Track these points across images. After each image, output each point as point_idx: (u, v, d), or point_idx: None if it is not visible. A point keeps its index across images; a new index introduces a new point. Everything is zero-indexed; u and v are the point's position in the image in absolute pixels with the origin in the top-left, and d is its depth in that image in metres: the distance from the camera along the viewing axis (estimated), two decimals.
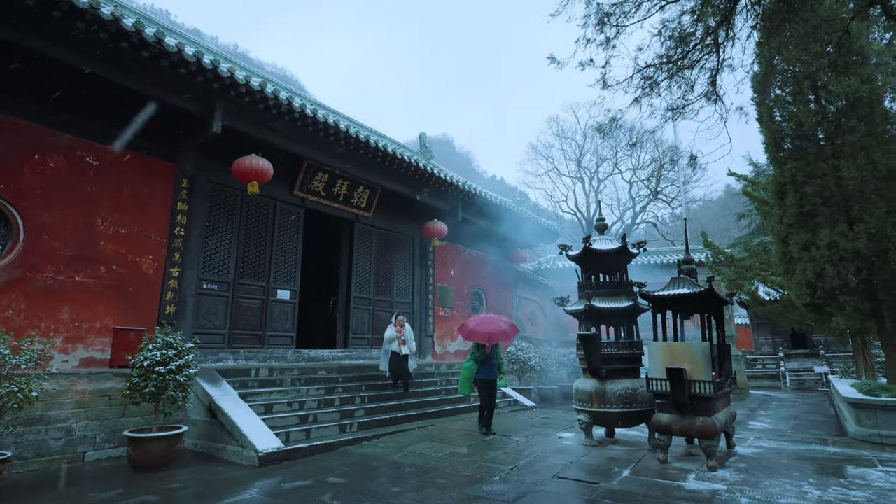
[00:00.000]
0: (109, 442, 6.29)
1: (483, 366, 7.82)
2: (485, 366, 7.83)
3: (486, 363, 7.83)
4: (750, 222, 24.98)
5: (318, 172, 9.96)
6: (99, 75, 6.44)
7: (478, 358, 7.83)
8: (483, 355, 7.83)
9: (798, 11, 5.19)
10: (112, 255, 7.29)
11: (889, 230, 7.39)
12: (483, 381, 7.84)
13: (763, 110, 8.77)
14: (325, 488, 4.95)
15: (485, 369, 7.84)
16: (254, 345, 8.97)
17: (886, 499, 4.50)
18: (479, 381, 7.85)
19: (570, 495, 4.71)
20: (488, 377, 7.84)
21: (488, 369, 7.86)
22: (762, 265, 13.49)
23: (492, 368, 7.88)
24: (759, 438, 7.67)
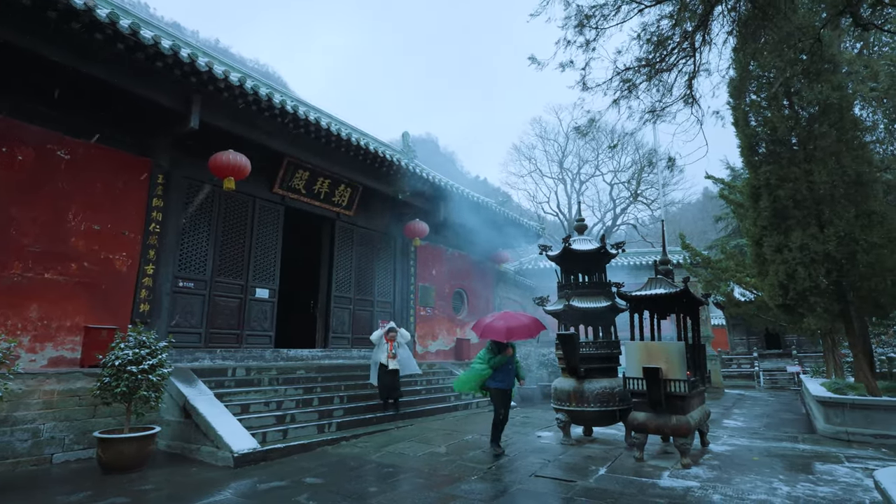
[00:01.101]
0: (79, 443, 6.12)
1: (500, 372, 6.44)
2: (502, 372, 6.45)
3: (504, 369, 6.47)
4: (727, 225, 25.53)
5: (298, 170, 9.86)
6: (71, 67, 6.26)
7: (496, 363, 6.40)
8: (503, 359, 6.43)
9: (772, 18, 5.31)
10: (84, 251, 7.10)
11: (857, 233, 7.61)
12: (499, 392, 6.42)
13: (739, 115, 8.95)
14: (301, 489, 4.89)
15: (502, 376, 6.44)
16: (231, 344, 8.83)
17: (852, 494, 4.63)
18: (494, 390, 6.44)
19: (547, 494, 4.74)
20: (505, 386, 6.47)
21: (506, 376, 6.48)
22: (738, 267, 13.78)
23: (510, 375, 6.54)
24: (732, 436, 7.83)
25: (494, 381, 6.42)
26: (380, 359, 8.55)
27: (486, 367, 6.42)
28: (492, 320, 6.56)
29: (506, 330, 6.25)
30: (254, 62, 63.10)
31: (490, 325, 6.44)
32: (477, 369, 6.52)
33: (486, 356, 6.49)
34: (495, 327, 6.34)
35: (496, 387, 6.44)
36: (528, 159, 38.88)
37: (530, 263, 20.58)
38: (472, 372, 6.60)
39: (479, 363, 6.57)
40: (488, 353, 6.51)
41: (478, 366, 6.54)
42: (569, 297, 7.19)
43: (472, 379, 6.54)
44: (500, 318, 6.51)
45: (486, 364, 6.42)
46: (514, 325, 6.32)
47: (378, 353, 8.60)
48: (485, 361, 6.48)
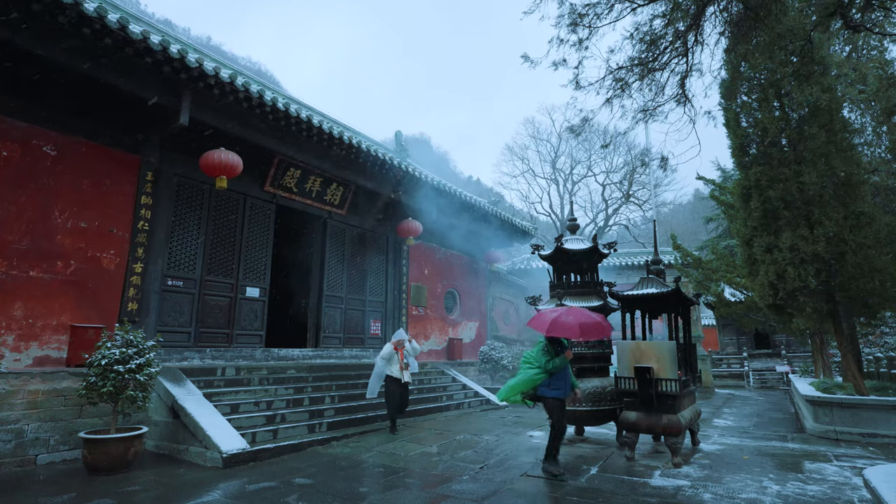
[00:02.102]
0: (64, 444, 6.03)
1: (557, 378, 5.44)
2: (559, 378, 5.46)
3: (561, 374, 5.49)
4: (717, 226, 25.74)
5: (290, 168, 9.78)
6: (58, 62, 6.16)
7: (555, 367, 5.37)
8: (564, 362, 5.45)
9: (763, 20, 5.33)
10: (70, 249, 6.99)
11: (846, 234, 7.68)
12: (556, 402, 5.43)
13: (730, 116, 9.01)
14: (291, 489, 4.84)
15: (559, 383, 5.44)
16: (221, 343, 8.74)
17: (841, 492, 4.66)
18: (552, 399, 5.41)
19: (538, 493, 4.73)
20: (563, 395, 5.48)
21: (563, 383, 5.49)
22: (728, 267, 13.88)
23: (567, 382, 5.56)
24: (722, 435, 7.87)
25: (551, 389, 5.40)
26: (391, 371, 7.81)
27: (540, 371, 5.38)
28: (558, 315, 5.47)
29: (579, 327, 5.27)
30: (246, 60, 62.71)
31: (558, 320, 5.35)
32: (529, 374, 5.43)
33: (541, 358, 5.44)
34: (566, 324, 5.30)
35: (553, 396, 5.40)
36: (520, 159, 38.94)
37: (523, 263, 20.60)
38: (523, 377, 5.47)
39: (529, 367, 5.51)
40: (543, 354, 5.45)
41: (530, 370, 5.46)
42: (561, 296, 7.19)
43: (522, 385, 5.44)
44: (569, 314, 5.49)
45: (542, 368, 5.38)
46: (588, 323, 5.37)
47: (388, 365, 7.87)
48: (537, 364, 5.44)
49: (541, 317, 5.58)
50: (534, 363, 5.49)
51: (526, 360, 5.62)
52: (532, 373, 5.45)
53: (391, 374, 7.79)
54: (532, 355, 5.58)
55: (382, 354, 7.90)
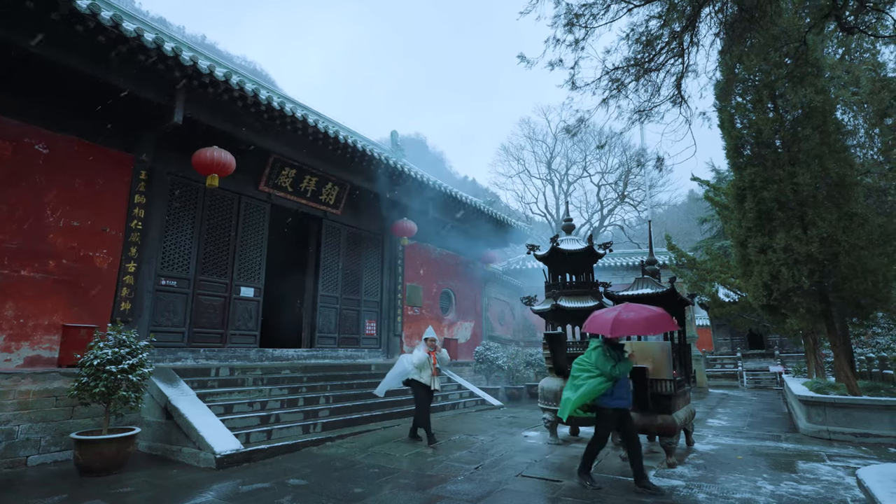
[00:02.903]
0: (56, 445, 5.97)
1: (619, 387, 4.89)
2: (622, 387, 4.92)
3: (623, 380, 4.95)
4: (712, 226, 25.86)
5: (284, 167, 9.74)
6: (50, 59, 6.09)
7: (620, 373, 4.82)
8: (629, 366, 4.97)
9: (758, 21, 5.36)
10: (63, 248, 6.93)
11: (839, 235, 7.73)
12: (618, 413, 4.91)
13: (725, 117, 9.05)
14: (285, 490, 4.82)
15: (622, 391, 4.92)
16: (215, 343, 8.69)
17: (834, 492, 4.68)
18: (612, 410, 4.87)
19: (533, 494, 4.72)
20: (627, 404, 4.98)
21: (626, 391, 4.98)
22: (722, 268, 13.94)
23: (629, 390, 5.07)
24: (717, 435, 7.90)
25: (614, 399, 4.83)
26: (420, 377, 6.99)
27: (604, 379, 4.80)
28: (618, 313, 4.96)
29: (645, 321, 4.80)
30: (241, 59, 62.51)
31: (620, 318, 4.84)
32: (593, 384, 4.79)
33: (604, 363, 4.82)
34: (630, 321, 4.81)
35: (616, 406, 4.85)
36: (516, 160, 39.01)
37: (518, 263, 20.61)
38: (587, 388, 4.81)
39: (588, 374, 4.87)
40: (606, 359, 4.84)
41: (591, 379, 4.83)
42: (556, 296, 7.19)
43: (587, 397, 4.82)
44: (629, 310, 5.02)
45: (606, 374, 4.80)
46: (652, 316, 4.87)
47: (418, 370, 7.03)
48: (598, 371, 4.83)
49: (597, 318, 5.08)
50: (593, 370, 4.86)
51: (582, 368, 4.97)
52: (595, 382, 4.81)
53: (420, 379, 6.99)
54: (589, 362, 4.94)
55: (414, 360, 7.03)
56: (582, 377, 4.93)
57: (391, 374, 7.19)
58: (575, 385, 4.94)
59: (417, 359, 7.04)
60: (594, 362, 4.89)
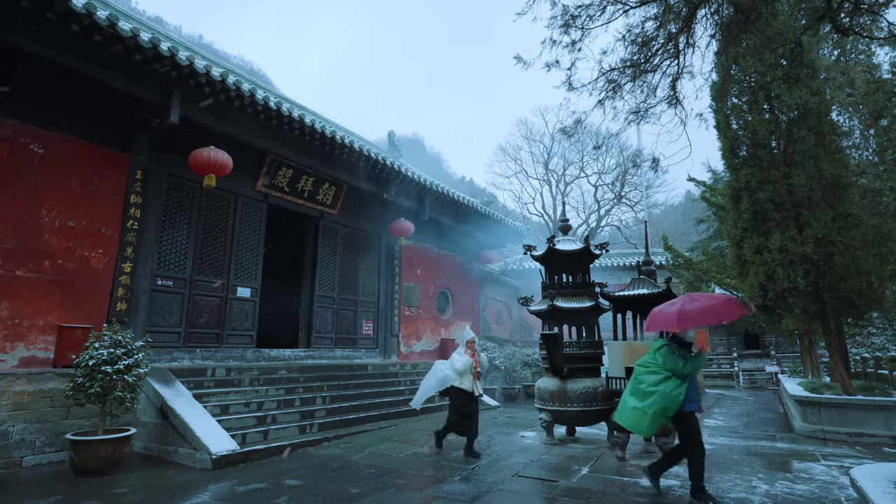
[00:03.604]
0: (51, 446, 5.95)
1: (690, 388, 4.46)
2: (692, 389, 4.48)
3: (691, 381, 4.50)
4: (708, 227, 25.91)
5: (281, 167, 9.73)
6: (46, 59, 6.08)
7: (691, 370, 4.40)
8: (702, 361, 4.51)
9: (754, 23, 5.37)
10: (58, 248, 6.91)
11: (834, 236, 7.76)
12: (693, 417, 4.51)
13: (721, 118, 9.07)
14: (281, 491, 4.81)
15: (693, 393, 4.48)
16: (211, 344, 8.67)
17: (828, 491, 4.71)
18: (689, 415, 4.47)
19: (529, 493, 4.73)
20: (697, 407, 4.54)
21: (695, 392, 4.53)
22: (718, 268, 13.97)
23: (697, 390, 4.59)
24: (712, 435, 7.92)
25: (686, 402, 4.42)
26: (460, 383, 6.30)
27: (677, 382, 4.35)
28: (680, 305, 4.47)
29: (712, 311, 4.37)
30: (238, 58, 62.33)
31: (685, 310, 4.37)
32: (668, 389, 4.32)
33: (674, 362, 4.38)
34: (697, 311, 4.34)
35: (691, 409, 4.46)
36: (513, 160, 39.02)
37: (515, 264, 20.64)
38: (663, 397, 4.30)
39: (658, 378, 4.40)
40: (675, 357, 4.42)
41: (661, 383, 4.35)
42: (553, 297, 7.20)
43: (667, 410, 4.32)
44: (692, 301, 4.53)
45: (678, 371, 4.35)
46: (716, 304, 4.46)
47: (459, 376, 6.32)
48: (668, 373, 4.38)
49: (660, 314, 4.60)
50: (660, 372, 4.42)
51: (648, 371, 4.51)
52: (670, 387, 4.34)
53: (461, 386, 6.28)
54: (655, 363, 4.49)
55: (458, 365, 6.28)
56: (648, 382, 4.44)
57: (429, 382, 6.39)
58: (641, 391, 4.45)
59: (462, 364, 6.27)
60: (661, 363, 4.45)
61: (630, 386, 4.64)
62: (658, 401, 4.32)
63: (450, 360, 6.43)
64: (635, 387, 4.55)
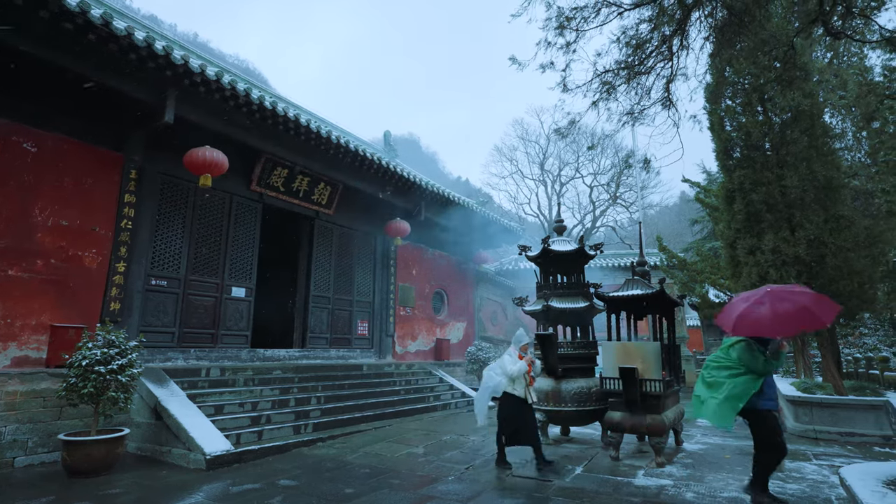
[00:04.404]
0: (43, 446, 5.92)
1: (769, 385, 4.31)
2: (770, 386, 4.34)
3: (769, 379, 4.35)
4: (702, 228, 26.04)
5: (276, 167, 9.71)
6: (39, 57, 6.04)
7: (771, 367, 4.20)
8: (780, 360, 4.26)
9: (748, 25, 5.42)
10: (51, 247, 6.87)
11: (826, 237, 7.83)
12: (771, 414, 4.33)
13: (714, 120, 9.14)
14: (275, 491, 4.81)
15: (771, 391, 4.33)
16: (206, 344, 8.65)
17: (819, 490, 4.75)
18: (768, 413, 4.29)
19: (523, 493, 4.75)
20: (776, 405, 4.42)
21: (773, 390, 4.38)
22: (712, 269, 14.04)
23: (775, 388, 4.47)
24: (705, 435, 7.97)
25: (765, 399, 4.22)
26: (512, 389, 5.68)
27: (752, 376, 4.15)
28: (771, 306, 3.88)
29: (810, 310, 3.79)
30: (234, 57, 62.18)
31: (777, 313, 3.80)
32: (740, 383, 4.14)
33: (753, 358, 4.17)
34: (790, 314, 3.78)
35: (769, 407, 4.25)
36: (509, 160, 39.05)
37: (510, 264, 20.66)
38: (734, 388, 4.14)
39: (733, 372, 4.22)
40: (753, 354, 4.20)
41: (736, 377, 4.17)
42: (547, 297, 7.22)
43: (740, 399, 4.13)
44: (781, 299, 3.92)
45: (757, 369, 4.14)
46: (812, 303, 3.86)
47: (511, 382, 5.70)
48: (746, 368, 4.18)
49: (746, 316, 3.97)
50: (736, 367, 4.24)
51: (721, 366, 4.34)
52: (744, 380, 4.15)
53: (513, 392, 5.69)
54: (730, 359, 4.30)
55: (512, 371, 5.66)
56: (722, 375, 4.27)
57: (483, 393, 5.82)
58: (710, 383, 4.32)
59: (517, 369, 5.64)
60: (737, 359, 4.23)
61: (701, 381, 4.51)
62: (733, 390, 4.14)
63: (498, 364, 5.85)
64: (707, 381, 4.41)
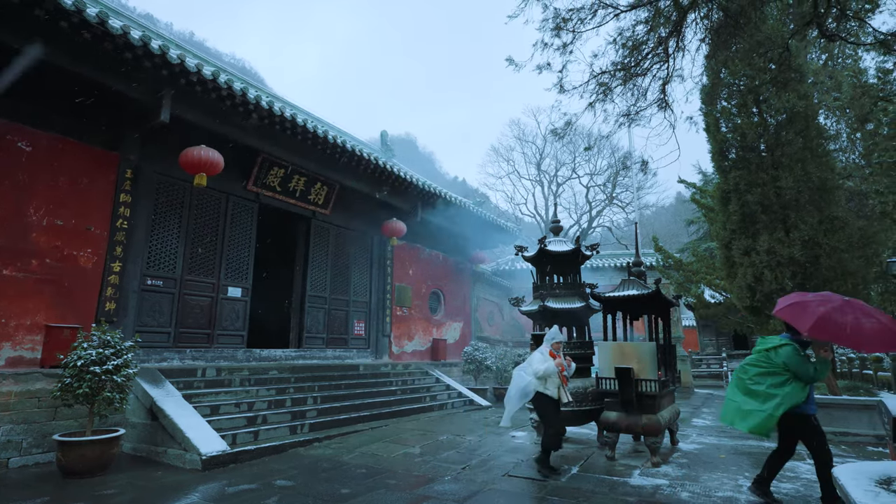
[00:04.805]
0: (38, 447, 5.89)
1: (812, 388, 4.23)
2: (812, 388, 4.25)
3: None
4: (698, 228, 26.15)
5: (273, 167, 9.69)
6: (34, 56, 6.01)
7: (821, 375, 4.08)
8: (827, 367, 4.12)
9: (743, 27, 5.46)
10: (46, 247, 6.83)
11: (820, 238, 7.88)
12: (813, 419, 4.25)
13: (710, 121, 9.18)
14: (271, 491, 4.80)
15: (813, 394, 4.26)
16: (202, 344, 8.62)
17: (813, 490, 4.78)
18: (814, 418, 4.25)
19: (519, 493, 4.76)
20: (814, 410, 4.28)
21: (813, 393, 4.29)
22: (708, 269, 14.12)
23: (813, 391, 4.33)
24: (701, 434, 8.01)
25: (811, 403, 4.17)
26: (545, 389, 5.36)
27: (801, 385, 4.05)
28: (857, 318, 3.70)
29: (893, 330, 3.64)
30: (230, 56, 61.99)
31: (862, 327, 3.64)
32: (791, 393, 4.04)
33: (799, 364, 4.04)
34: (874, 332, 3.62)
35: (813, 412, 4.19)
36: (506, 161, 39.13)
37: (507, 264, 20.69)
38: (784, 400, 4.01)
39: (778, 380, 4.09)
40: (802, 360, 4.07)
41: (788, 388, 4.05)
42: (544, 297, 7.24)
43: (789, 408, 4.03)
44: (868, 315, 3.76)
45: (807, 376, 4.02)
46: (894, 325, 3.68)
47: (542, 381, 5.38)
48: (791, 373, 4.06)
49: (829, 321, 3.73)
50: (781, 374, 4.09)
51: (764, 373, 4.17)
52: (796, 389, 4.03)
53: (546, 392, 5.36)
54: (774, 363, 4.14)
55: (538, 370, 5.37)
56: (766, 384, 4.10)
57: (513, 395, 5.41)
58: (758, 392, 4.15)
59: (543, 368, 5.33)
60: (784, 363, 4.06)
61: (737, 386, 4.35)
62: (783, 402, 4.01)
63: (528, 362, 5.55)
64: (747, 387, 4.24)
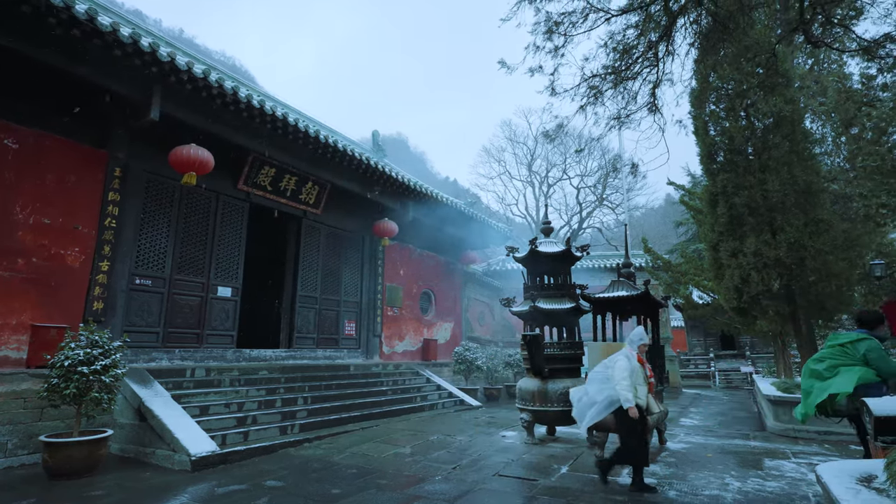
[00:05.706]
0: (23, 448, 5.81)
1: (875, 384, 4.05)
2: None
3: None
4: (687, 230, 26.43)
5: (264, 166, 9.64)
6: (22, 52, 5.94)
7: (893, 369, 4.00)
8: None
9: (732, 32, 5.54)
10: (32, 246, 6.75)
11: (806, 240, 8.01)
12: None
13: (699, 124, 9.29)
14: (261, 492, 4.79)
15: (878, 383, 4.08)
16: (191, 344, 8.56)
17: (797, 488, 4.87)
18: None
19: (509, 493, 4.79)
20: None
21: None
22: (696, 270, 14.28)
23: None
24: (688, 434, 8.10)
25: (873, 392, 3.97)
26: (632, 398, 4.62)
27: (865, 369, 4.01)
28: None
29: None
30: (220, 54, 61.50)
31: None
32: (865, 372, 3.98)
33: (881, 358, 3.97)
34: None
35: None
36: (497, 161, 39.22)
37: (498, 265, 20.74)
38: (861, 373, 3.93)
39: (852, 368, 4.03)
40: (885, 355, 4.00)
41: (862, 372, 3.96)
42: (534, 298, 7.29)
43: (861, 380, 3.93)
44: None
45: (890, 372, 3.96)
46: None
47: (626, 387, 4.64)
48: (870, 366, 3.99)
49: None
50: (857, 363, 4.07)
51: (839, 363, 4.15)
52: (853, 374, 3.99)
53: (638, 401, 4.75)
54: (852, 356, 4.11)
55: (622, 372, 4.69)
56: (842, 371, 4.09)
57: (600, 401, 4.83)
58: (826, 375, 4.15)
59: (626, 366, 4.72)
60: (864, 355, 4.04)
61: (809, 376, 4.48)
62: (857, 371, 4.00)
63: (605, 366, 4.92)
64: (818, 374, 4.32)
